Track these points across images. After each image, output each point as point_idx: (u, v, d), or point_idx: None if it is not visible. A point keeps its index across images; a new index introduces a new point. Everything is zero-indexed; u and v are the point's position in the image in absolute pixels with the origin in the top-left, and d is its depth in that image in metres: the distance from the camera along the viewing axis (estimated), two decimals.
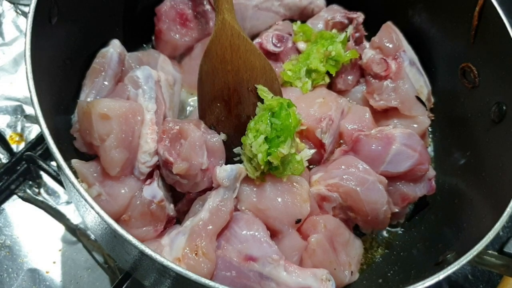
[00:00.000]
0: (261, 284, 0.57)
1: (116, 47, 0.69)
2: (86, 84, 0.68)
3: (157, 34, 0.79)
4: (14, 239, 0.74)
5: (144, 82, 0.65)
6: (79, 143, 0.63)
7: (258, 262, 0.57)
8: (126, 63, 0.70)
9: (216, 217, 0.58)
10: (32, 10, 0.55)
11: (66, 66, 0.65)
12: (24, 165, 0.77)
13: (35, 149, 0.78)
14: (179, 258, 0.56)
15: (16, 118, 0.84)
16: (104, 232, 0.54)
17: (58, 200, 0.78)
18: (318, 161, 0.73)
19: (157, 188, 0.62)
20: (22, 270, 0.72)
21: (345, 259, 0.67)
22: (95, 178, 0.60)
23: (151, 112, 0.63)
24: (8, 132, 0.82)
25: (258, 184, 0.62)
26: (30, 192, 0.77)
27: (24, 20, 0.91)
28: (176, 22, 0.78)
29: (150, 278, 0.57)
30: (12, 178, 0.76)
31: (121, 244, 0.50)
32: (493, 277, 0.82)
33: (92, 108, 0.58)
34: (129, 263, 0.57)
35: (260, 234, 0.60)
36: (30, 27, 0.55)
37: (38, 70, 0.54)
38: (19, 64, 0.88)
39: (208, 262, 0.56)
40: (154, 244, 0.59)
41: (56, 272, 0.73)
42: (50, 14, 0.59)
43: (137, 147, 0.61)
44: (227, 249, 0.58)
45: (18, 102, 0.85)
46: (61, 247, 0.75)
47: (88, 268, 0.74)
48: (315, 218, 0.65)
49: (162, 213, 0.62)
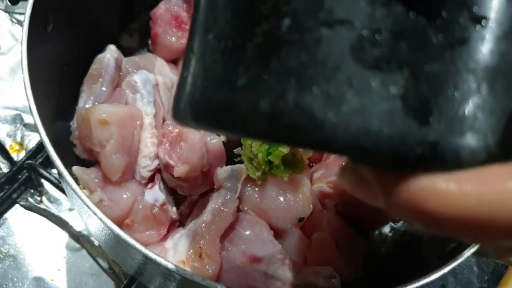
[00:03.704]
0: (267, 284, 0.57)
1: (112, 52, 0.69)
2: (84, 91, 0.68)
3: (153, 37, 0.79)
4: (18, 248, 0.74)
5: (142, 87, 0.65)
6: (79, 150, 0.63)
7: (263, 262, 0.57)
8: (123, 68, 0.70)
9: (219, 218, 0.59)
10: (27, 18, 0.55)
11: (63, 73, 0.65)
12: (25, 174, 0.77)
13: (35, 157, 0.78)
14: (183, 261, 0.56)
15: (15, 127, 0.84)
16: (107, 238, 0.54)
17: (61, 207, 0.77)
18: (319, 159, 0.73)
19: (159, 191, 0.62)
20: (27, 278, 0.72)
21: (349, 255, 0.67)
22: (96, 184, 0.60)
23: (150, 116, 0.63)
24: (8, 141, 0.82)
25: (259, 184, 0.62)
26: (32, 201, 0.77)
27: (20, 29, 0.91)
28: (172, 25, 0.78)
29: (155, 281, 0.57)
30: (14, 187, 0.76)
31: (125, 249, 0.50)
32: (498, 268, 0.82)
33: (90, 115, 0.58)
34: (134, 268, 0.57)
35: (264, 234, 0.60)
36: (26, 36, 0.55)
37: (35, 78, 0.54)
38: (16, 72, 0.88)
39: (213, 264, 0.56)
40: (158, 248, 0.59)
41: (61, 279, 0.73)
42: (45, 21, 0.59)
43: (137, 151, 0.61)
44: (231, 250, 0.58)
45: (17, 111, 0.85)
46: (65, 254, 0.75)
47: (93, 274, 0.74)
48: (318, 216, 0.65)
49: (164, 216, 0.62)
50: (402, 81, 0.20)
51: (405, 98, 0.20)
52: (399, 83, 0.20)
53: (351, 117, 0.20)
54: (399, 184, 0.21)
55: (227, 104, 0.22)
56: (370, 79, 0.20)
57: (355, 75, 0.20)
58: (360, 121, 0.20)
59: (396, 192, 0.21)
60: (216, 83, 0.22)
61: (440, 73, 0.20)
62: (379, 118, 0.20)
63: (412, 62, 0.20)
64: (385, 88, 0.20)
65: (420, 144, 0.20)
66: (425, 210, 0.20)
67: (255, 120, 0.21)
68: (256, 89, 0.21)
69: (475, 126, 0.20)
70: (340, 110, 0.20)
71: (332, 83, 0.20)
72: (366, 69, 0.20)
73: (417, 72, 0.20)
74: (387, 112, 0.20)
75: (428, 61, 0.20)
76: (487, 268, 0.83)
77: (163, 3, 0.78)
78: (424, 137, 0.20)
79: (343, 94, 0.20)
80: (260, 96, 0.21)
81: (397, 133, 0.20)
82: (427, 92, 0.20)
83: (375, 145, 0.20)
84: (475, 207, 0.19)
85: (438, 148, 0.20)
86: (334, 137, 0.20)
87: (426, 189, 0.20)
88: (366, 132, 0.20)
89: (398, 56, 0.20)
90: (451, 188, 0.19)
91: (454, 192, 0.19)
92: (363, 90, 0.20)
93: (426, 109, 0.20)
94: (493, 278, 0.82)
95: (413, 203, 0.20)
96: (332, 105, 0.20)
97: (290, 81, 0.20)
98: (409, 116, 0.20)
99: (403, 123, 0.20)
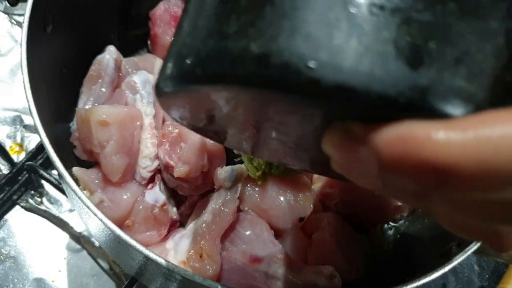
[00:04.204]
0: (267, 284, 0.57)
1: (112, 53, 0.69)
2: (83, 92, 0.68)
3: (153, 38, 0.79)
4: (18, 249, 0.74)
5: (141, 87, 0.65)
6: (79, 151, 0.63)
7: (263, 262, 0.57)
8: (123, 69, 0.70)
9: (219, 218, 0.59)
10: (27, 19, 0.55)
11: (63, 74, 0.65)
12: (26, 175, 0.77)
13: (35, 158, 0.78)
14: (184, 261, 0.56)
15: (15, 128, 0.84)
16: (108, 239, 0.54)
17: (61, 208, 0.77)
18: None
19: (159, 192, 0.62)
20: (28, 280, 0.72)
21: (350, 255, 0.67)
22: (96, 185, 0.60)
23: (150, 116, 0.63)
24: (8, 142, 0.82)
25: (260, 184, 0.62)
26: (33, 202, 0.77)
27: (19, 30, 0.91)
28: (171, 26, 0.78)
29: (156, 282, 0.57)
30: (14, 189, 0.76)
31: (125, 250, 0.50)
32: (498, 267, 0.82)
33: (90, 115, 0.58)
34: (135, 269, 0.57)
35: (264, 234, 0.60)
36: (25, 37, 0.55)
37: (35, 79, 0.54)
38: (16, 74, 0.88)
39: (213, 264, 0.56)
40: (158, 248, 0.59)
41: (62, 280, 0.73)
42: (44, 23, 0.59)
43: (137, 152, 0.61)
44: (231, 250, 0.58)
45: (17, 113, 0.85)
46: (66, 255, 0.75)
47: (94, 275, 0.74)
48: (318, 215, 0.65)
49: (165, 217, 0.62)
50: (394, 26, 0.20)
51: (397, 43, 0.20)
52: (392, 28, 0.20)
53: (342, 58, 0.20)
54: (393, 133, 0.19)
55: (216, 50, 0.21)
56: (363, 23, 0.20)
57: (349, 18, 0.20)
58: (351, 62, 0.20)
59: (390, 144, 0.19)
60: (206, 35, 0.22)
61: (431, 22, 0.20)
62: (371, 60, 0.20)
63: (404, 10, 0.20)
64: (377, 32, 0.20)
65: (411, 88, 0.20)
66: (426, 160, 0.18)
67: (244, 63, 0.21)
68: (247, 33, 0.21)
69: (465, 74, 0.20)
70: (331, 51, 0.20)
71: (325, 25, 0.20)
72: (359, 14, 0.20)
73: (409, 19, 0.20)
74: (379, 54, 0.20)
75: (420, 11, 0.20)
76: (488, 267, 0.83)
77: (162, 4, 0.78)
78: (415, 82, 0.20)
79: (335, 36, 0.20)
80: (251, 39, 0.21)
81: (388, 75, 0.20)
82: (419, 39, 0.20)
83: (365, 86, 0.20)
84: (483, 155, 0.18)
85: (428, 93, 0.20)
86: (324, 76, 0.20)
87: (425, 136, 0.19)
88: (356, 72, 0.20)
89: (391, 2, 0.20)
90: (452, 135, 0.18)
91: (457, 139, 0.18)
92: (355, 32, 0.20)
93: (417, 54, 0.20)
94: (494, 277, 0.82)
95: (410, 154, 0.19)
96: (323, 46, 0.20)
97: (282, 24, 0.20)
98: (401, 60, 0.20)
99: (395, 66, 0.20)
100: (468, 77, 0.20)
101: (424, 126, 0.19)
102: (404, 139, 0.19)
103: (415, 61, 0.20)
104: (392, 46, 0.20)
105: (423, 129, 0.19)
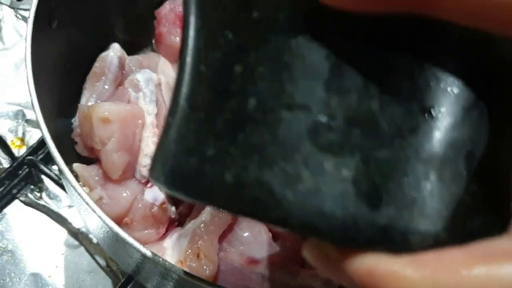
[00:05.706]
0: (263, 286, 0.57)
1: (116, 51, 0.69)
2: (86, 88, 0.68)
3: (157, 37, 0.79)
4: (16, 243, 0.74)
5: (144, 85, 0.65)
6: (80, 147, 0.63)
7: (260, 264, 0.57)
8: (126, 67, 0.70)
9: (218, 218, 0.59)
10: (32, 14, 0.56)
11: (66, 70, 0.66)
12: (26, 170, 0.77)
13: (36, 153, 0.78)
14: (181, 261, 0.56)
15: (17, 122, 0.84)
16: (106, 236, 0.54)
17: (60, 204, 0.78)
18: None
19: (159, 191, 0.62)
20: (25, 274, 0.72)
21: None
22: (96, 181, 0.60)
23: (152, 115, 0.63)
24: (9, 136, 0.82)
25: None
26: (32, 197, 0.77)
27: (24, 25, 0.91)
28: (176, 25, 0.78)
29: (153, 280, 0.57)
30: (14, 183, 0.76)
31: (123, 247, 0.50)
32: None
33: (92, 112, 0.58)
34: (132, 266, 0.57)
35: (262, 236, 0.60)
36: (31, 32, 0.55)
37: (38, 74, 0.54)
38: (19, 68, 0.88)
39: (210, 264, 0.56)
40: (156, 247, 0.59)
41: (58, 276, 0.73)
42: (50, 18, 0.59)
43: (138, 150, 0.61)
44: (229, 251, 0.58)
45: (19, 107, 0.85)
46: (64, 251, 0.75)
47: (91, 272, 0.74)
48: None
49: (164, 215, 0.62)
50: (353, 165, 0.21)
51: (356, 182, 0.21)
52: (351, 167, 0.21)
53: (306, 197, 0.21)
54: (361, 265, 0.21)
55: (196, 173, 0.22)
56: (324, 161, 0.21)
57: (311, 156, 0.21)
58: (314, 202, 0.21)
59: (359, 275, 0.21)
60: (188, 151, 0.23)
61: (389, 160, 0.21)
62: (332, 200, 0.21)
63: (364, 148, 0.21)
64: (337, 171, 0.21)
65: (370, 227, 0.21)
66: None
67: (220, 191, 0.22)
68: (223, 160, 0.22)
69: (424, 212, 0.21)
70: (296, 189, 0.21)
71: (290, 162, 0.21)
72: (321, 152, 0.21)
73: (368, 158, 0.21)
74: (339, 194, 0.21)
75: (379, 147, 0.21)
76: None
77: (167, 3, 0.78)
78: (374, 221, 0.21)
79: (300, 173, 0.21)
80: (226, 168, 0.21)
81: (349, 216, 0.21)
82: (377, 177, 0.21)
83: (328, 226, 0.21)
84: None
85: (387, 232, 0.21)
86: (291, 215, 0.21)
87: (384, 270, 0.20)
88: (319, 213, 0.21)
89: (350, 141, 0.21)
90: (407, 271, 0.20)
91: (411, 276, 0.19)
92: (317, 171, 0.21)
93: (376, 193, 0.21)
94: None
95: (371, 284, 0.20)
96: (290, 183, 0.21)
97: (253, 156, 0.21)
98: (360, 200, 0.21)
99: (355, 206, 0.21)
100: (427, 214, 0.21)
101: (385, 262, 0.20)
102: (370, 274, 0.20)
103: (374, 200, 0.21)
104: (352, 185, 0.21)
105: (384, 265, 0.20)
